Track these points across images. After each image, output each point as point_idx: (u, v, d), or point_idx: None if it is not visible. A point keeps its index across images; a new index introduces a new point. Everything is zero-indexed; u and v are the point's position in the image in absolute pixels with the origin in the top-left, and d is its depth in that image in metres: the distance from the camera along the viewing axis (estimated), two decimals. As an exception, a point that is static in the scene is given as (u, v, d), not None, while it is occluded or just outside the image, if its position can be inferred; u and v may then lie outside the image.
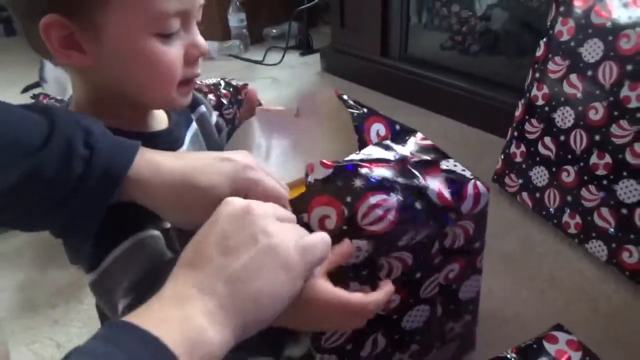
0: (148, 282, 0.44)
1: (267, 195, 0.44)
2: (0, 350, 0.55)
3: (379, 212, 0.45)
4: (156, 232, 0.47)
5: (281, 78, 1.88)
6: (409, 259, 0.50)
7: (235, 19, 2.13)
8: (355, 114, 0.55)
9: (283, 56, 2.01)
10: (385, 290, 0.45)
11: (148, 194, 0.42)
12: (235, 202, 0.38)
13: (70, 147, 0.38)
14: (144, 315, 0.32)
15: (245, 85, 1.23)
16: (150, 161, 0.42)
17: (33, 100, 1.38)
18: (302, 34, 2.11)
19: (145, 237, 0.46)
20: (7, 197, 0.37)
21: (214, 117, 0.67)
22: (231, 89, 1.20)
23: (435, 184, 0.49)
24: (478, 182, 0.51)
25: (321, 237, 0.40)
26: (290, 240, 0.37)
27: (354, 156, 0.50)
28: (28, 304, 0.93)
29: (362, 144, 0.54)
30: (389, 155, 0.51)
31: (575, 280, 0.89)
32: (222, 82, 1.21)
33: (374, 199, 0.45)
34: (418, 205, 0.47)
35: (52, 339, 0.86)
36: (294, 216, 0.42)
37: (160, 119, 0.56)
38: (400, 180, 0.48)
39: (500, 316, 0.82)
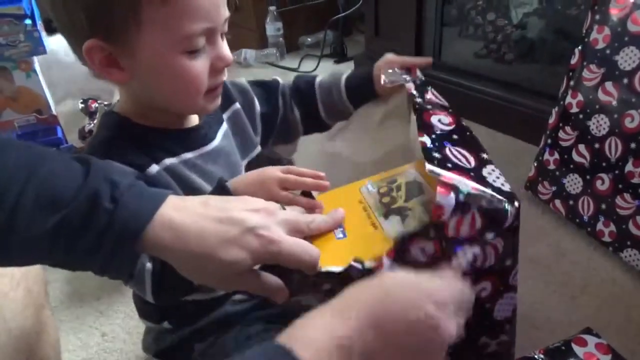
0: None
1: (289, 264, 0.44)
2: (53, 337, 0.59)
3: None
4: None
5: (316, 85, 1.92)
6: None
7: (272, 28, 2.18)
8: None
9: (318, 64, 2.05)
10: None
11: (168, 257, 0.43)
12: (428, 312, 0.38)
13: (96, 200, 0.40)
14: (300, 340, 0.34)
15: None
16: (171, 223, 0.41)
17: (82, 106, 1.46)
18: (337, 42, 2.14)
19: None
20: (44, 241, 0.40)
21: (257, 108, 0.70)
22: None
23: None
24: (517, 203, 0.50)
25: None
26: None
27: None
28: (76, 295, 0.99)
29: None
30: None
31: (608, 287, 0.89)
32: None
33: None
34: None
35: (98, 329, 0.91)
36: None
37: (191, 118, 0.62)
38: None
39: (530, 320, 0.83)
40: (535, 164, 1.09)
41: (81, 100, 1.48)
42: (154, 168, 0.55)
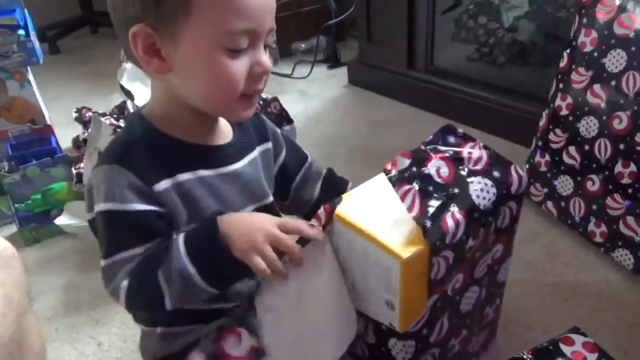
0: None
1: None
2: (37, 345, 0.58)
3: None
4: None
5: (309, 91, 1.93)
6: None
7: (265, 35, 2.20)
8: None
9: (311, 70, 2.06)
10: None
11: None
12: None
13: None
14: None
15: (275, 98, 1.28)
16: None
17: (76, 115, 1.47)
18: (330, 47, 2.15)
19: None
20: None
21: (282, 157, 0.69)
22: (261, 102, 1.25)
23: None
24: (517, 167, 0.58)
25: None
26: None
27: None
28: (71, 304, 0.99)
29: None
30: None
31: (600, 288, 0.89)
32: (253, 96, 1.25)
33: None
34: None
35: (94, 338, 0.91)
36: None
37: (222, 135, 0.61)
38: None
39: (523, 322, 0.83)
40: (527, 166, 1.10)
41: (75, 110, 1.48)
42: (163, 184, 0.55)
